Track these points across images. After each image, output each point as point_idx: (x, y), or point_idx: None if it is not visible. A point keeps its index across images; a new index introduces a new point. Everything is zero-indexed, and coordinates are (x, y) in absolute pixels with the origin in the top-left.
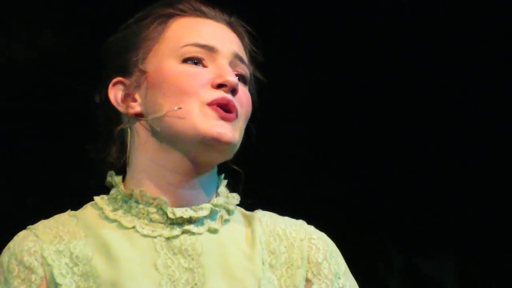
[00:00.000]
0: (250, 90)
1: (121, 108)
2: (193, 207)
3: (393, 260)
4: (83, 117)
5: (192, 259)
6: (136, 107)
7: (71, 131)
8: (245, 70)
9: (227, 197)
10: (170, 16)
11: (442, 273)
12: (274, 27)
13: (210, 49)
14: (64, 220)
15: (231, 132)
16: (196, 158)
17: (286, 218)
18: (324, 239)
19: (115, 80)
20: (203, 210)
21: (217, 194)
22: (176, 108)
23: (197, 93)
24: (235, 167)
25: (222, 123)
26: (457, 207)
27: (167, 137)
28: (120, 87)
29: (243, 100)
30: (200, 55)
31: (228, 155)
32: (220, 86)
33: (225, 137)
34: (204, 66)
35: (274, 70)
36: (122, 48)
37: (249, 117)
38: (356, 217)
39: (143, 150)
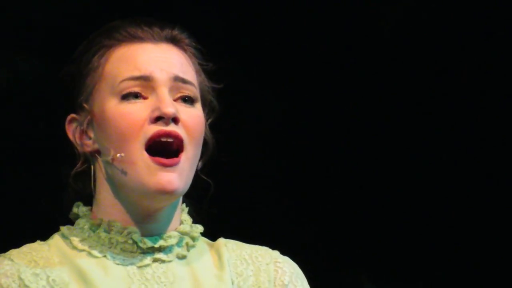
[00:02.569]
0: (209, 101)
1: (78, 146)
2: (162, 235)
3: None
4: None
5: (165, 285)
6: (92, 145)
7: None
8: (190, 89)
9: (191, 225)
10: (109, 47)
11: None
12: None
13: (146, 79)
14: (36, 247)
15: (177, 179)
16: (149, 204)
17: (251, 245)
18: (289, 262)
19: (70, 117)
20: (172, 238)
21: (181, 222)
22: (119, 155)
23: (136, 135)
24: (205, 177)
25: (166, 173)
26: (427, 237)
27: (119, 181)
28: (75, 124)
29: (190, 124)
30: (137, 89)
31: (179, 197)
32: (158, 118)
33: (170, 187)
34: (144, 97)
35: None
36: (70, 85)
37: (202, 137)
38: (327, 247)
39: (105, 186)
